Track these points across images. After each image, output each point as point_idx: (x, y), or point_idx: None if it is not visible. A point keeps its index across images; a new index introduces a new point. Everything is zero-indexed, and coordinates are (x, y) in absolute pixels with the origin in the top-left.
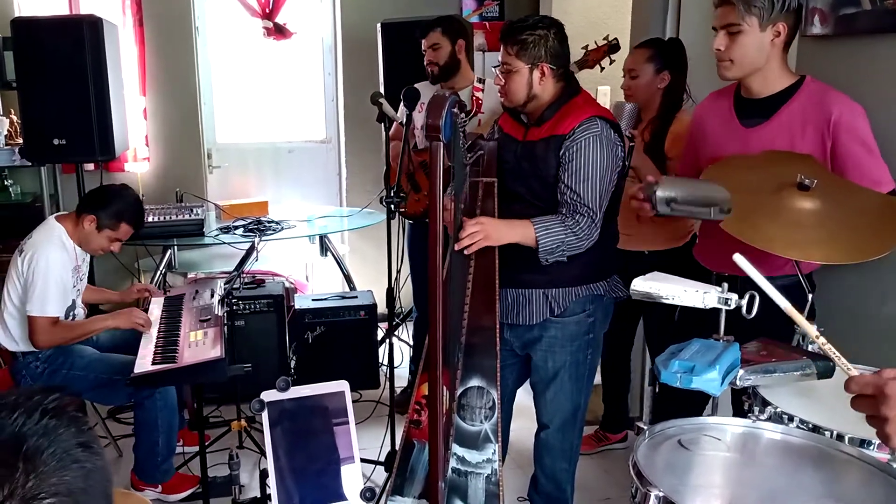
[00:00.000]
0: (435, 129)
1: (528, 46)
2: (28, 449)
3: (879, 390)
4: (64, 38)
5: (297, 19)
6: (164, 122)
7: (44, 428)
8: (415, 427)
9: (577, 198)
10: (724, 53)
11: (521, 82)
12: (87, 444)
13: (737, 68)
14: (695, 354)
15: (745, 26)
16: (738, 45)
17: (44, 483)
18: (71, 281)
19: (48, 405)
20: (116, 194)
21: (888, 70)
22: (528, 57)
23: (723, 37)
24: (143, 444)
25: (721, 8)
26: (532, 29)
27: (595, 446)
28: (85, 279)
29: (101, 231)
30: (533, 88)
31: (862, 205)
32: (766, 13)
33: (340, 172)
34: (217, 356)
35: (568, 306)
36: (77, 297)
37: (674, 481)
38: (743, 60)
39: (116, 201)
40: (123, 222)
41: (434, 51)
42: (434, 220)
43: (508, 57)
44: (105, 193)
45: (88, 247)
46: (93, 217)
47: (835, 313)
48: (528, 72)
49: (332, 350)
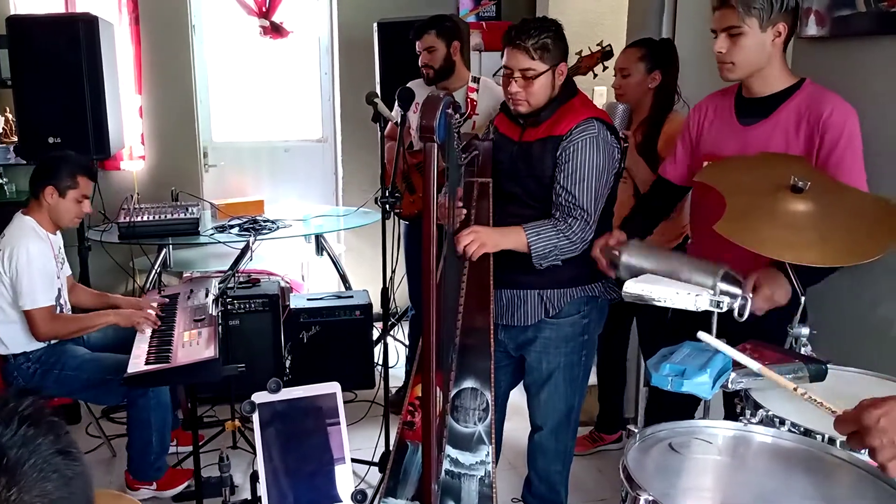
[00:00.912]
0: (429, 131)
1: (551, 48)
2: (8, 462)
3: (859, 423)
4: (59, 36)
5: (293, 18)
6: (160, 120)
7: (22, 438)
8: (408, 428)
9: (572, 199)
10: (726, 56)
11: (546, 85)
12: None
13: (739, 70)
14: (686, 358)
15: (746, 28)
16: (740, 47)
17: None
18: (55, 269)
19: (24, 412)
20: (58, 158)
21: (882, 72)
22: (551, 59)
23: (724, 39)
24: (136, 442)
25: (720, 10)
26: (547, 31)
27: (590, 447)
28: (65, 269)
29: (65, 196)
30: (554, 90)
31: (856, 207)
32: (765, 14)
33: (337, 172)
34: (211, 356)
35: (563, 307)
36: (61, 286)
37: (664, 485)
38: (745, 62)
39: (60, 163)
40: (78, 176)
41: (429, 53)
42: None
43: (531, 62)
44: (48, 163)
45: (63, 220)
46: (51, 188)
47: (829, 316)
48: (551, 74)
49: (327, 350)
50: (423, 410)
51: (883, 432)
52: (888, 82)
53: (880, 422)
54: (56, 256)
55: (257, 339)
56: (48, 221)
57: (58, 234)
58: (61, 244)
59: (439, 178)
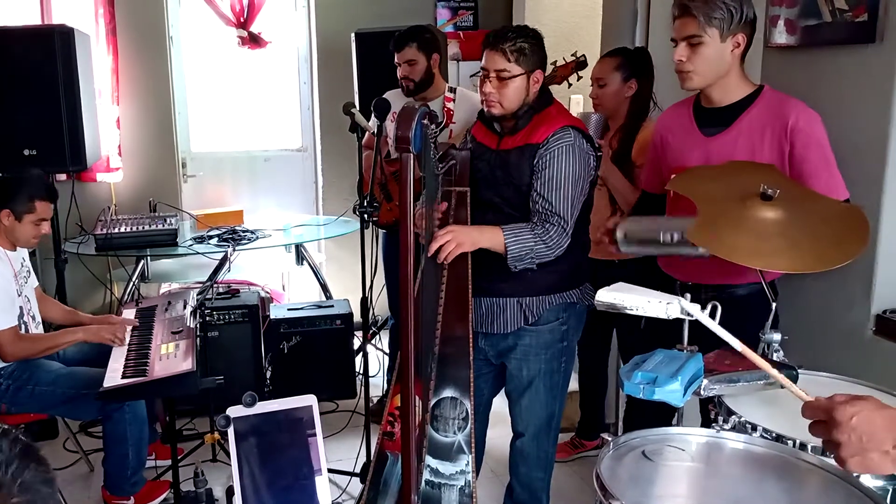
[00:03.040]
0: (405, 141)
1: (527, 53)
2: None
3: (830, 415)
4: (35, 48)
5: (271, 29)
6: (138, 131)
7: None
8: (388, 439)
9: (548, 206)
10: (686, 64)
11: (520, 89)
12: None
13: (699, 79)
14: (658, 365)
15: (707, 38)
16: (700, 56)
17: None
18: (14, 289)
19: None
20: (15, 180)
21: (848, 80)
22: (527, 63)
23: (684, 48)
24: (112, 457)
25: (681, 19)
26: (526, 36)
27: (571, 453)
28: (30, 281)
29: (22, 220)
30: (528, 96)
31: (824, 213)
32: (726, 25)
33: (316, 181)
34: (188, 369)
35: (542, 314)
36: (26, 304)
37: (637, 493)
38: (705, 71)
39: (18, 186)
40: (36, 200)
41: (409, 66)
42: (405, 232)
43: (507, 63)
44: (4, 185)
45: (20, 242)
46: (6, 211)
47: (801, 320)
48: (525, 78)
49: (308, 360)
50: (402, 421)
51: (852, 430)
52: (853, 90)
53: (853, 420)
54: (17, 273)
55: (237, 351)
56: (5, 240)
57: (18, 250)
58: (24, 256)
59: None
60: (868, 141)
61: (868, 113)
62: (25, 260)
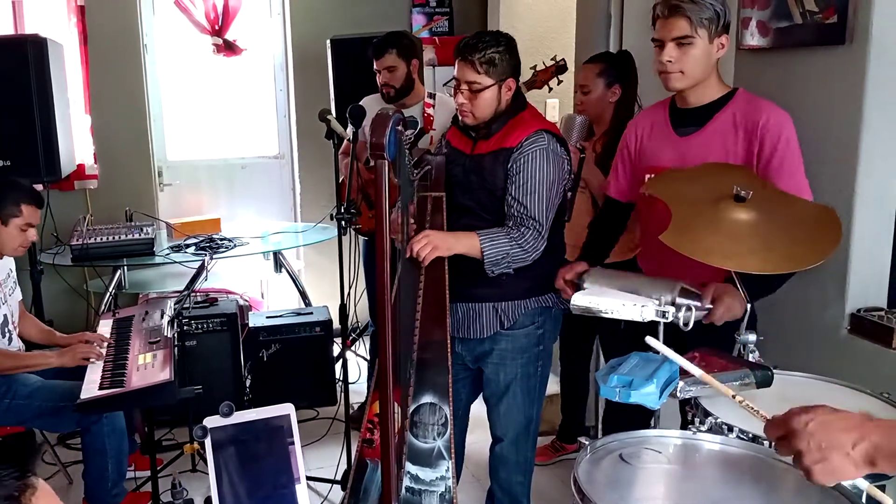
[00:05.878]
0: (379, 148)
1: (497, 63)
2: None
3: (787, 427)
4: (8, 58)
5: (246, 36)
6: (113, 140)
7: None
8: (368, 446)
9: (523, 210)
10: (675, 65)
11: (491, 99)
12: None
13: (687, 79)
14: (633, 368)
15: (697, 38)
16: (689, 56)
17: None
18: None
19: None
20: (1, 185)
21: (818, 81)
22: (497, 74)
23: (673, 48)
24: (92, 470)
25: (670, 19)
26: (496, 46)
27: (552, 456)
28: (14, 293)
29: (8, 224)
30: (501, 104)
31: (797, 214)
32: (714, 26)
33: (294, 188)
34: (166, 379)
35: (518, 319)
36: (10, 315)
37: (615, 496)
38: (693, 71)
39: (5, 190)
40: (23, 205)
41: (390, 73)
42: (381, 238)
43: (477, 76)
44: None
45: (6, 249)
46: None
47: (777, 320)
48: (497, 88)
49: (287, 367)
50: (381, 428)
51: (810, 435)
52: (823, 91)
53: (808, 426)
54: (2, 282)
55: (216, 360)
56: None
57: (4, 259)
58: (11, 267)
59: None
60: (840, 141)
61: (839, 113)
62: (12, 271)
